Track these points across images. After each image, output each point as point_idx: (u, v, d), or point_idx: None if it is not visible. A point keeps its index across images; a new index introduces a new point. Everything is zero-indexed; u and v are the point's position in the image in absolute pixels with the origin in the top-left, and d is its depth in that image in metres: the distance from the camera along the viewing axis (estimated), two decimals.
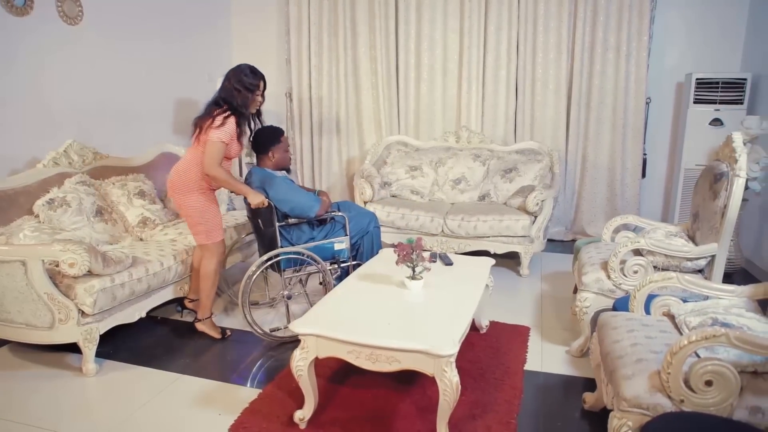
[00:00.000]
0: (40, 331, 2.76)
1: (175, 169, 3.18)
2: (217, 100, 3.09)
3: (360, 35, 5.56)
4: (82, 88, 4.26)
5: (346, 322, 2.37)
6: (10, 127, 3.76)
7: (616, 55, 5.05)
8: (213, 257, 3.23)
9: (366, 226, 3.67)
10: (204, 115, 3.07)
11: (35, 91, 3.91)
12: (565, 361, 3.08)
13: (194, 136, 3.10)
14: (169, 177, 3.20)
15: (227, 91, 3.09)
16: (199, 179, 3.10)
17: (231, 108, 3.03)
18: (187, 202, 3.12)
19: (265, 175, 3.35)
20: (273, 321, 3.55)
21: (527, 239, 4.34)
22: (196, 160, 3.08)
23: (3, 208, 3.13)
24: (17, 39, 3.75)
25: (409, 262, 2.69)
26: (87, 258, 2.67)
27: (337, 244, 3.48)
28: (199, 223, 3.15)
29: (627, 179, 5.28)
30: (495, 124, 5.45)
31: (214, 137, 2.98)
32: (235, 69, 3.16)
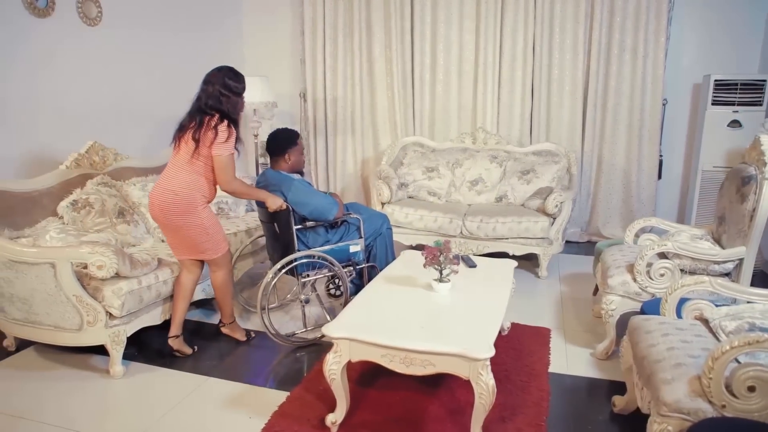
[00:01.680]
0: (68, 333, 2.77)
1: (165, 188, 2.85)
2: (203, 108, 2.83)
3: (375, 36, 5.55)
4: (99, 89, 4.27)
5: (379, 325, 2.37)
6: (31, 129, 3.78)
7: (633, 56, 5.03)
8: (220, 269, 3.10)
9: (379, 228, 3.65)
10: (198, 125, 2.80)
11: (54, 92, 3.92)
12: (589, 364, 3.07)
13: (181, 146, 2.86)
14: (158, 198, 2.86)
15: (213, 97, 2.83)
16: (203, 194, 2.90)
17: (222, 115, 2.82)
18: (193, 222, 2.88)
19: (281, 177, 3.28)
20: (287, 324, 3.53)
21: (546, 241, 4.33)
22: (197, 173, 2.85)
23: (28, 210, 3.13)
24: (39, 40, 3.76)
25: (437, 264, 2.69)
26: (115, 260, 2.67)
27: (352, 246, 3.44)
28: (206, 240, 2.95)
29: (643, 181, 5.26)
30: (510, 125, 5.44)
31: (223, 152, 2.81)
32: (216, 73, 2.90)
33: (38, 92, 3.81)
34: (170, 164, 2.92)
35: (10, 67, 3.62)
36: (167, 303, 3.12)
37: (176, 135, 2.91)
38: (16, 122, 3.68)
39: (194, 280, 3.10)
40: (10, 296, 2.77)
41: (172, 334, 3.06)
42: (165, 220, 2.88)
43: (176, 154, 2.89)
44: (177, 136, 2.90)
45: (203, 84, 2.89)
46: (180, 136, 2.88)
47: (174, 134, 2.92)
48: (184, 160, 2.84)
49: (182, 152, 2.85)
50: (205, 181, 2.90)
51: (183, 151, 2.85)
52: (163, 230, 3.01)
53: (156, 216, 2.93)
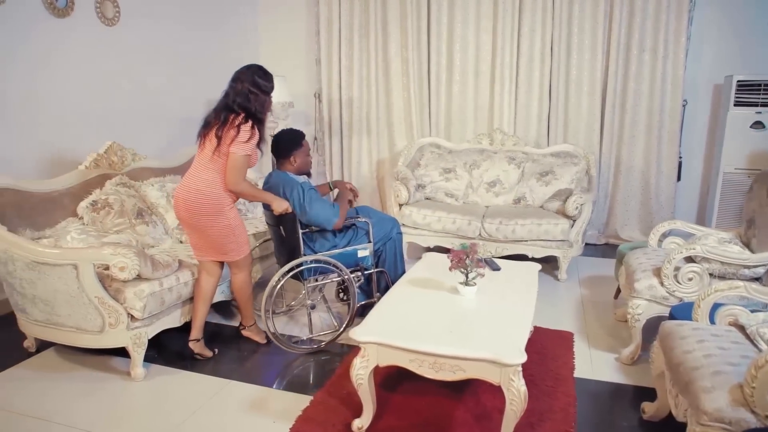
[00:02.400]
0: (90, 335, 2.74)
1: (192, 187, 2.80)
2: (230, 105, 2.79)
3: (391, 36, 5.52)
4: (116, 88, 4.26)
5: (406, 329, 2.33)
6: (49, 128, 3.77)
7: (653, 56, 4.97)
8: (242, 271, 3.05)
9: (389, 232, 3.55)
10: (222, 123, 2.75)
11: (72, 91, 3.91)
12: (615, 369, 3.02)
13: (205, 144, 2.82)
14: (184, 197, 2.80)
15: (242, 94, 2.79)
16: (230, 193, 2.86)
17: (248, 114, 2.77)
18: (221, 222, 2.82)
19: (286, 179, 3.18)
20: (292, 330, 3.48)
21: (566, 243, 4.28)
22: (219, 171, 2.80)
23: (48, 210, 3.12)
24: (58, 40, 3.75)
25: (463, 267, 2.64)
26: (137, 262, 2.65)
27: (360, 251, 3.35)
28: (232, 241, 2.90)
29: (662, 183, 5.20)
30: (527, 126, 5.40)
31: (240, 152, 2.74)
32: (246, 70, 2.86)
33: (57, 92, 3.80)
34: (195, 163, 2.88)
35: (30, 67, 3.61)
36: (187, 305, 3.10)
37: (201, 132, 2.86)
38: (34, 122, 3.68)
39: (214, 282, 3.06)
40: (33, 297, 2.75)
41: (192, 338, 3.03)
42: (190, 219, 2.83)
43: (201, 152, 2.85)
44: (202, 133, 2.85)
45: (232, 81, 2.85)
46: (205, 133, 2.83)
47: (199, 131, 2.87)
48: (207, 158, 2.80)
49: (206, 150, 2.81)
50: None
51: (207, 148, 2.80)
52: (186, 230, 2.96)
53: (181, 215, 2.87)
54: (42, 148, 3.72)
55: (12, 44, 3.49)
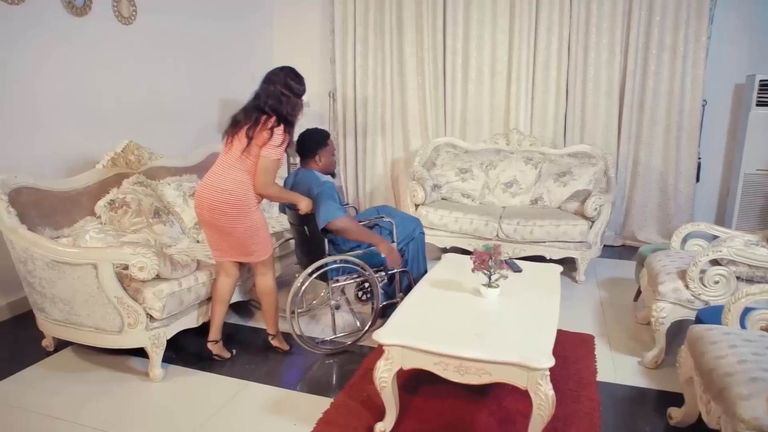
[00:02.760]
0: (109, 335, 2.72)
1: (218, 187, 2.72)
2: (262, 107, 2.72)
3: (406, 35, 5.49)
4: (133, 87, 4.26)
5: (431, 332, 2.29)
6: (67, 127, 3.77)
7: (672, 56, 4.91)
8: (269, 271, 2.98)
9: (412, 232, 3.52)
10: (253, 123, 2.69)
11: (90, 90, 3.90)
12: (638, 373, 2.97)
13: (233, 143, 2.75)
14: (209, 197, 2.72)
15: (274, 96, 2.73)
16: (256, 194, 2.80)
17: (279, 117, 2.71)
18: (245, 223, 2.76)
19: (313, 178, 3.14)
20: (316, 330, 3.44)
21: (584, 245, 4.23)
22: (247, 171, 2.74)
23: (67, 209, 3.11)
24: (76, 39, 3.75)
25: (486, 269, 2.60)
26: (156, 262, 2.63)
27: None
28: (257, 242, 2.83)
29: (680, 184, 5.14)
30: (544, 126, 5.35)
31: (272, 155, 2.70)
32: (278, 72, 2.81)
33: (74, 91, 3.80)
34: (221, 162, 2.80)
35: (49, 66, 3.61)
36: (204, 306, 3.07)
37: (229, 131, 2.79)
38: (51, 120, 3.68)
39: (232, 284, 3.02)
40: (52, 297, 2.73)
41: (211, 339, 3.00)
42: (214, 220, 2.76)
43: (228, 151, 2.77)
44: (230, 133, 2.78)
45: (264, 83, 2.80)
46: (233, 132, 2.76)
47: (226, 130, 2.81)
48: (235, 157, 2.73)
49: (234, 149, 2.74)
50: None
51: (235, 148, 2.74)
52: (207, 230, 2.88)
53: (203, 216, 2.80)
54: (59, 146, 3.71)
55: (31, 43, 3.49)
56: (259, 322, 3.52)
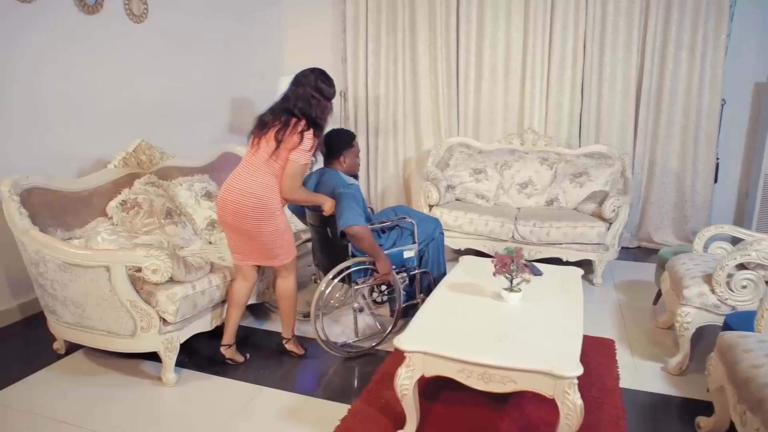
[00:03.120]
0: (121, 339, 2.67)
1: (244, 190, 2.65)
2: (291, 109, 2.65)
3: (419, 33, 5.42)
4: (143, 86, 4.21)
5: (453, 338, 2.22)
6: (76, 127, 3.72)
7: (690, 54, 4.81)
8: (291, 274, 2.91)
9: (432, 233, 3.47)
10: (282, 126, 2.62)
11: (100, 90, 3.86)
12: (662, 379, 2.89)
13: (260, 145, 2.68)
14: (234, 200, 2.65)
15: (304, 99, 2.66)
16: (279, 197, 2.73)
17: (309, 120, 2.65)
18: (271, 227, 2.69)
19: (338, 179, 3.10)
20: (336, 333, 3.38)
21: (602, 247, 4.15)
22: (273, 175, 2.68)
23: (78, 210, 3.06)
24: (86, 38, 3.70)
25: (508, 273, 2.53)
26: (170, 264, 2.57)
27: (406, 251, 3.26)
28: (281, 245, 2.77)
29: (698, 185, 5.04)
30: (559, 125, 5.26)
31: (301, 160, 2.64)
32: (308, 74, 2.73)
33: (85, 90, 3.75)
34: (246, 164, 2.72)
35: (59, 64, 3.56)
36: (218, 308, 3.01)
37: (255, 132, 2.71)
38: (63, 120, 3.63)
39: (249, 288, 2.95)
40: (64, 299, 2.68)
41: (224, 343, 2.93)
42: (238, 224, 2.68)
43: (254, 154, 2.69)
44: (257, 134, 2.70)
45: (293, 84, 2.73)
46: (261, 134, 2.68)
47: (252, 131, 2.73)
48: (262, 160, 2.66)
49: (261, 152, 2.67)
50: (280, 184, 2.73)
51: (262, 150, 2.66)
52: (230, 234, 2.79)
53: (227, 219, 2.72)
54: (69, 146, 3.67)
55: (42, 41, 3.44)
56: (273, 325, 3.47)
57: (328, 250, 3.21)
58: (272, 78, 5.50)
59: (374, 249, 3.01)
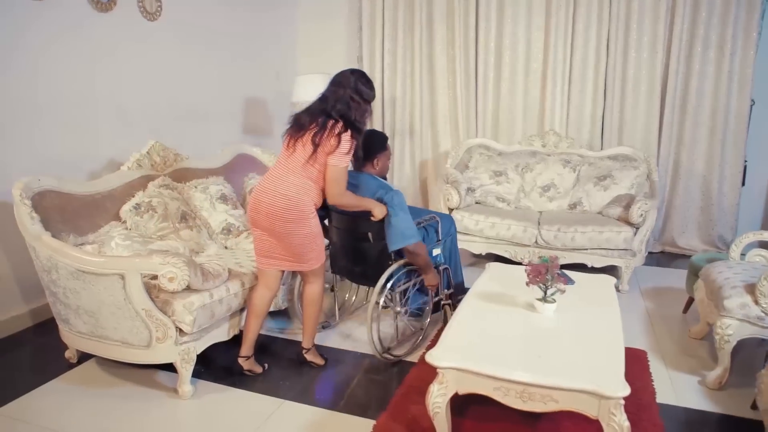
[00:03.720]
0: (136, 349, 2.55)
1: (278, 192, 2.56)
2: (329, 110, 2.58)
3: (437, 33, 5.31)
4: (156, 85, 4.11)
5: (489, 353, 2.10)
6: (88, 127, 3.63)
7: (719, 53, 4.67)
8: (319, 279, 2.82)
9: (449, 229, 3.45)
10: (320, 129, 2.55)
11: (113, 89, 3.76)
12: (700, 394, 2.75)
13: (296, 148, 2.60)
14: (268, 202, 2.57)
15: (343, 101, 2.59)
16: (313, 200, 2.64)
17: (347, 122, 2.58)
18: (305, 230, 2.61)
19: (380, 183, 3.03)
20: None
21: (629, 252, 4.01)
22: (309, 179, 2.60)
23: (91, 214, 2.95)
24: (99, 36, 3.61)
25: (543, 283, 2.40)
26: (187, 272, 2.45)
27: (434, 249, 3.24)
28: (313, 249, 2.69)
29: (725, 188, 4.90)
30: (580, 127, 5.13)
31: (341, 163, 2.57)
32: (348, 75, 2.67)
33: (98, 89, 3.65)
34: (281, 166, 2.65)
35: (72, 63, 3.46)
36: (236, 317, 2.90)
37: (291, 133, 2.64)
38: (74, 121, 3.53)
39: (271, 297, 2.85)
40: (77, 308, 2.57)
41: (243, 354, 2.80)
42: (270, 225, 2.60)
43: (290, 156, 2.62)
44: (292, 135, 2.63)
45: (332, 85, 2.66)
46: (297, 136, 2.61)
47: (288, 132, 2.67)
48: (298, 163, 2.58)
49: (297, 154, 2.59)
50: (315, 188, 2.64)
51: (299, 153, 2.59)
52: (261, 236, 2.69)
53: (259, 221, 2.64)
54: (81, 147, 3.57)
55: (54, 39, 3.35)
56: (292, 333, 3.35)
57: (363, 256, 3.06)
58: (287, 77, 5.40)
59: (428, 264, 2.99)
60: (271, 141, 5.41)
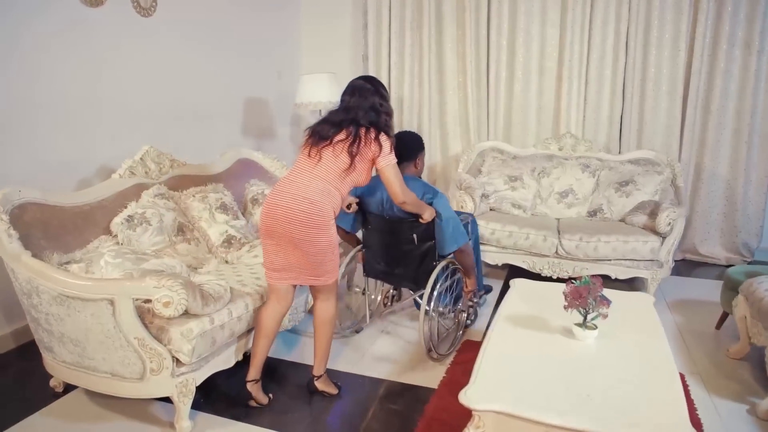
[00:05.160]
0: (128, 382, 2.28)
1: (299, 196, 2.43)
2: (359, 120, 2.49)
3: (446, 30, 5.05)
4: (151, 86, 3.83)
5: (531, 392, 1.83)
6: (77, 130, 3.35)
7: (745, 51, 4.42)
8: (332, 296, 2.64)
9: (473, 230, 3.53)
10: (353, 139, 2.46)
11: (104, 89, 3.48)
12: (751, 425, 2.49)
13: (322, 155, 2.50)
14: (288, 207, 2.42)
15: (372, 109, 2.53)
16: (334, 208, 2.52)
17: (378, 128, 2.53)
18: (324, 238, 2.46)
19: (426, 185, 2.97)
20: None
21: (655, 263, 3.76)
22: (335, 187, 2.51)
23: (79, 227, 2.68)
24: (88, 32, 3.34)
25: (584, 307, 2.15)
26: (185, 296, 2.19)
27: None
28: (330, 260, 2.52)
29: (750, 193, 4.66)
30: (597, 129, 4.88)
31: (392, 161, 2.53)
32: (364, 83, 2.61)
33: (87, 90, 3.37)
34: (305, 173, 2.50)
35: (58, 61, 3.18)
36: (242, 340, 2.63)
37: (313, 143, 2.52)
38: (60, 124, 3.25)
39: (282, 314, 2.63)
40: (61, 336, 2.30)
41: (251, 378, 2.57)
42: (287, 231, 2.42)
43: (315, 165, 2.48)
44: (315, 145, 2.50)
45: (354, 96, 2.55)
46: (322, 145, 2.48)
47: (308, 141, 2.54)
48: (330, 172, 2.47)
49: (326, 164, 2.47)
50: (339, 196, 2.54)
51: (328, 163, 2.47)
52: (276, 245, 2.50)
53: (275, 228, 2.45)
54: (68, 154, 3.29)
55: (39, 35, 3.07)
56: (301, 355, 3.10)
57: (405, 257, 2.99)
58: (290, 77, 5.14)
59: (472, 265, 3.05)
60: (273, 144, 5.14)
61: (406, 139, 3.05)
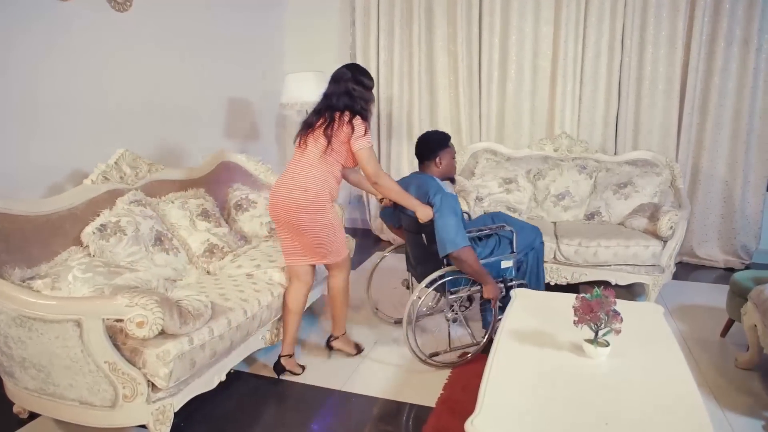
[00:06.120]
0: (98, 410, 2.07)
1: (294, 185, 2.65)
2: (334, 104, 2.67)
3: (437, 27, 4.90)
4: (127, 84, 3.60)
5: (546, 420, 1.66)
6: (47, 131, 3.11)
7: (743, 48, 4.30)
8: (342, 272, 2.90)
9: (532, 242, 3.24)
10: (329, 122, 2.64)
11: (74, 87, 3.25)
12: None
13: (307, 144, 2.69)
14: (284, 195, 2.65)
15: (346, 94, 2.69)
16: (331, 192, 2.71)
17: (354, 112, 2.67)
18: (322, 220, 2.66)
19: (431, 183, 2.90)
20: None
21: (657, 268, 3.62)
22: (327, 171, 2.68)
23: (45, 239, 2.46)
24: (56, 26, 3.10)
25: (595, 322, 1.99)
26: (160, 315, 1.99)
27: (503, 261, 3.07)
28: (332, 241, 2.73)
29: (748, 194, 4.55)
30: (592, 129, 4.75)
31: (365, 144, 2.64)
32: (344, 70, 2.77)
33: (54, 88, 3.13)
34: (297, 162, 2.72)
35: (23, 58, 2.95)
36: (222, 360, 2.43)
37: (300, 134, 2.73)
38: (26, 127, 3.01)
39: (306, 290, 2.87)
40: (22, 360, 2.09)
41: (284, 354, 2.84)
42: (288, 218, 2.66)
43: (302, 153, 2.70)
44: (302, 135, 2.72)
45: (332, 82, 2.76)
46: (306, 135, 2.69)
47: (298, 134, 2.75)
48: (314, 157, 2.66)
49: (310, 149, 2.67)
50: (333, 179, 2.72)
51: (311, 148, 2.67)
52: (283, 232, 2.77)
53: (279, 215, 2.70)
54: (35, 158, 3.04)
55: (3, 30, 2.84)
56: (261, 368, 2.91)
57: (421, 256, 3.08)
58: (274, 76, 4.94)
59: (479, 273, 2.85)
60: (257, 145, 4.94)
61: (428, 138, 3.09)
